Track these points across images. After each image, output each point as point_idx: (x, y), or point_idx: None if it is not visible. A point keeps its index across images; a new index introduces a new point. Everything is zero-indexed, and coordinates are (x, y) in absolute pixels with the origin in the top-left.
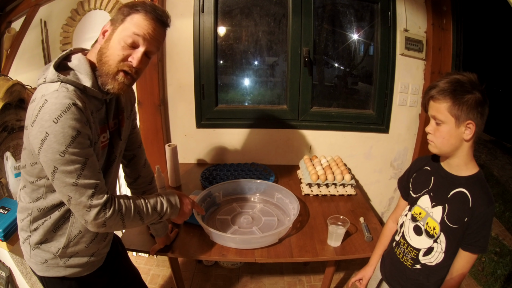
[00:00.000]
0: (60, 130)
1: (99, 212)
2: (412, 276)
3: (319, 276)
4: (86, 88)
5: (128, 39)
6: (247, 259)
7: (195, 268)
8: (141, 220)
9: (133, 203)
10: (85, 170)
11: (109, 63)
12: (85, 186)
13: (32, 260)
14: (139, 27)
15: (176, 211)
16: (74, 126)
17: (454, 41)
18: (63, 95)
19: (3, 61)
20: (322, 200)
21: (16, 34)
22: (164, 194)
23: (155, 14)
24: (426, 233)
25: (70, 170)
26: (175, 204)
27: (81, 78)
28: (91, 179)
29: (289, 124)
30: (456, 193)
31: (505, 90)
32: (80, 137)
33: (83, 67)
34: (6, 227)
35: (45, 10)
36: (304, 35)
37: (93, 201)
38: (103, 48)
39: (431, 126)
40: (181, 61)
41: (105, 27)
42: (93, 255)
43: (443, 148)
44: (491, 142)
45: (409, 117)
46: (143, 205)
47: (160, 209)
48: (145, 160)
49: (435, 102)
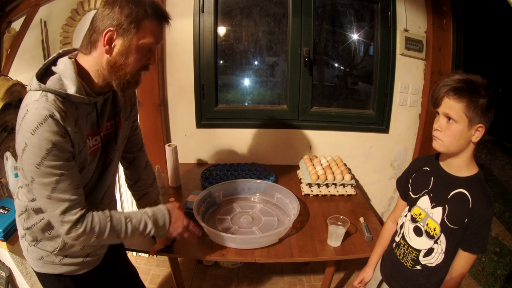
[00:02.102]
0: (37, 142)
1: (70, 228)
2: (412, 277)
3: (319, 276)
4: (70, 95)
5: (148, 47)
6: (247, 259)
7: (195, 268)
8: (119, 238)
9: (110, 222)
10: (60, 184)
11: (131, 72)
12: (59, 200)
13: (29, 256)
14: (155, 35)
15: (163, 232)
16: (49, 138)
17: (454, 41)
18: (42, 106)
19: (3, 61)
20: (322, 200)
21: (16, 34)
22: (153, 212)
23: (161, 16)
24: (426, 234)
25: (45, 183)
26: (162, 226)
27: (65, 84)
28: (66, 193)
29: (289, 124)
30: (456, 194)
31: (505, 90)
32: (55, 150)
33: (68, 72)
34: (6, 227)
35: (45, 10)
36: (304, 35)
37: (65, 216)
38: (117, 60)
39: (441, 123)
40: (181, 61)
41: (108, 35)
42: (89, 255)
43: (450, 148)
44: (491, 142)
45: (409, 117)
46: (122, 225)
47: (142, 230)
48: (146, 162)
49: (450, 99)
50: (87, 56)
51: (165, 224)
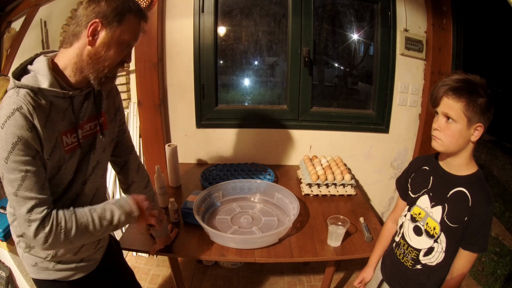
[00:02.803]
0: (4, 136)
1: (38, 228)
2: (412, 277)
3: (319, 276)
4: (42, 89)
5: (127, 43)
6: (247, 259)
7: (195, 268)
8: (89, 233)
9: (74, 215)
10: (26, 181)
11: (109, 66)
12: (24, 198)
13: (25, 262)
14: (135, 32)
15: (133, 219)
16: (14, 132)
17: (454, 41)
18: (12, 101)
19: (3, 61)
20: (322, 200)
21: (16, 34)
22: (115, 200)
23: (142, 14)
24: (426, 233)
25: (11, 179)
26: (129, 211)
27: (39, 79)
28: (32, 192)
29: (289, 124)
30: (455, 192)
31: (505, 90)
32: (20, 144)
33: (41, 68)
34: (6, 227)
35: (45, 10)
36: (304, 35)
37: (31, 215)
38: (99, 51)
39: (440, 123)
40: (181, 61)
41: (93, 26)
42: (83, 260)
43: (450, 147)
44: (491, 142)
45: (409, 117)
46: (88, 216)
47: (110, 218)
48: (138, 165)
49: (449, 99)
50: (67, 50)
51: (131, 209)
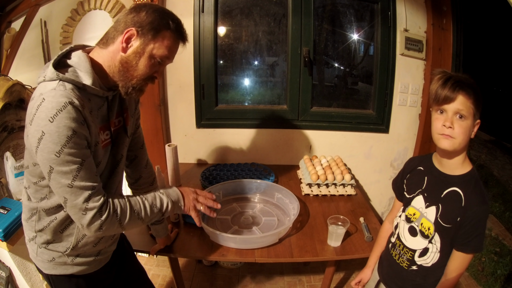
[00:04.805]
0: (55, 129)
1: (94, 216)
2: (409, 278)
3: (319, 276)
4: (86, 86)
5: (159, 59)
6: (247, 259)
7: (195, 268)
8: (140, 220)
9: (128, 202)
10: (82, 171)
11: (138, 77)
12: (81, 188)
13: (39, 258)
14: (170, 50)
15: (179, 209)
16: (69, 125)
17: (454, 41)
18: (60, 94)
19: (3, 61)
20: (322, 200)
21: (16, 34)
22: (164, 190)
23: (180, 35)
24: (421, 233)
25: (65, 171)
26: (177, 200)
27: (80, 76)
28: (88, 181)
29: (289, 124)
30: (449, 192)
31: (505, 90)
32: (75, 137)
33: (83, 65)
34: (6, 227)
35: (45, 10)
36: (304, 35)
37: (89, 204)
38: (130, 60)
39: (453, 121)
40: (181, 61)
41: (129, 33)
42: (100, 253)
43: (462, 144)
44: (491, 142)
45: (409, 117)
46: (140, 204)
47: (160, 206)
48: (147, 160)
49: (463, 96)
50: (103, 50)
51: (179, 198)
